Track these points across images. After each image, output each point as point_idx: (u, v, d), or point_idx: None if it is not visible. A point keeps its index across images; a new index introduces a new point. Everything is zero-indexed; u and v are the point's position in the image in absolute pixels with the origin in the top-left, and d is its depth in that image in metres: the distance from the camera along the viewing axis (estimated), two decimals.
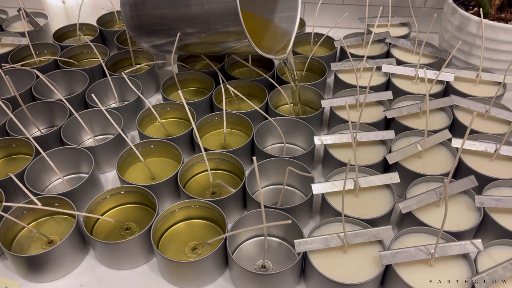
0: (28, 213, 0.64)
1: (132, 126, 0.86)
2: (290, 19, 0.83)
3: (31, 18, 1.09)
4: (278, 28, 0.84)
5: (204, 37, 0.73)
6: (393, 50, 0.97)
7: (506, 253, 0.57)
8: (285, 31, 0.82)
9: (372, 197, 0.65)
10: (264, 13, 0.84)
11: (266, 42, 0.82)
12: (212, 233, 0.64)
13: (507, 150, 0.69)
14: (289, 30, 0.82)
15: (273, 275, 0.55)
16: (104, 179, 0.76)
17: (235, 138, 0.80)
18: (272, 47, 0.81)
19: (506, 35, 0.84)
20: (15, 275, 0.62)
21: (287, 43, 0.80)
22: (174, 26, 0.75)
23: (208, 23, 0.70)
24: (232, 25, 0.67)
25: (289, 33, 0.82)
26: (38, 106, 0.83)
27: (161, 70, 1.04)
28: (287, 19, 0.83)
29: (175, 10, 0.72)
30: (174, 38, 0.76)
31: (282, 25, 0.83)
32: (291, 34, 0.81)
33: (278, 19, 0.84)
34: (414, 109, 0.78)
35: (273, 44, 0.81)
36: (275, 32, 0.84)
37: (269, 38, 0.83)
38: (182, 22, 0.73)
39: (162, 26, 0.76)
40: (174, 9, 0.72)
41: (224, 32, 0.70)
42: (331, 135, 0.72)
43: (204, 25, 0.71)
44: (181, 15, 0.72)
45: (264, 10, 0.84)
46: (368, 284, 0.54)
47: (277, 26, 0.84)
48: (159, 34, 0.78)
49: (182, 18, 0.72)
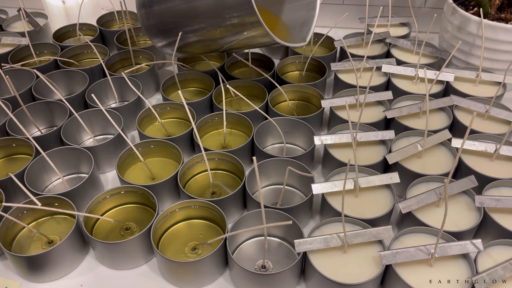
0: (28, 213, 0.64)
1: (132, 126, 0.86)
2: (311, 5, 0.80)
3: (31, 18, 1.09)
4: (288, 27, 0.82)
5: (220, 31, 0.72)
6: (393, 50, 0.97)
7: (506, 253, 0.57)
8: (305, 19, 0.80)
9: (372, 197, 0.65)
10: (280, 4, 0.83)
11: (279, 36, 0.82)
12: (212, 233, 0.64)
13: (507, 150, 0.69)
14: (309, 17, 0.79)
15: (273, 275, 0.55)
16: (104, 179, 0.76)
17: (235, 138, 0.80)
18: (292, 37, 0.79)
19: (506, 35, 0.84)
20: (15, 275, 0.62)
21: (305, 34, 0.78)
22: (187, 23, 0.74)
23: (222, 16, 0.69)
24: (247, 15, 0.66)
25: (308, 22, 0.79)
26: (38, 106, 0.83)
27: (161, 70, 1.04)
28: (307, 6, 0.80)
29: (188, 5, 0.71)
30: (188, 36, 0.75)
31: (301, 13, 0.81)
32: (312, 21, 0.79)
33: (297, 7, 0.82)
34: (414, 109, 0.78)
35: (294, 35, 0.80)
36: (286, 30, 0.82)
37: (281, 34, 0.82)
38: (195, 18, 0.72)
39: (177, 24, 0.76)
40: (187, 4, 0.71)
41: (240, 24, 0.68)
42: (331, 135, 0.72)
43: (218, 19, 0.70)
44: (193, 9, 0.71)
45: (283, 9, 0.83)
46: (368, 284, 0.54)
47: (287, 25, 0.83)
48: (174, 33, 0.78)
49: (194, 12, 0.71)
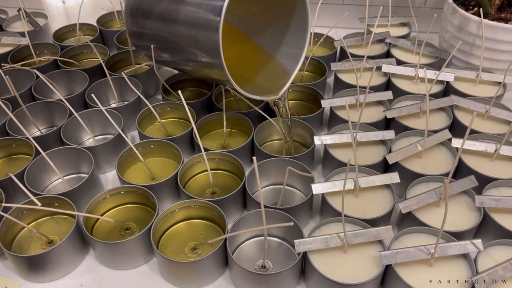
0: (28, 213, 0.64)
1: (132, 126, 0.86)
2: (295, 57, 0.74)
3: (31, 18, 1.09)
4: (279, 65, 0.77)
5: (192, 65, 0.71)
6: (393, 50, 0.97)
7: (506, 253, 0.57)
8: (285, 70, 0.75)
9: (372, 197, 0.65)
10: (271, 44, 0.78)
11: (262, 77, 0.76)
12: (212, 233, 0.64)
13: (507, 150, 0.69)
14: (290, 69, 0.74)
15: (273, 275, 0.55)
16: (104, 179, 0.76)
17: (235, 138, 0.80)
18: (267, 85, 0.74)
19: (506, 35, 0.84)
20: (15, 275, 0.62)
21: (284, 83, 0.72)
22: (167, 48, 0.73)
23: (194, 54, 0.67)
24: (215, 60, 0.63)
25: (288, 73, 0.74)
26: (38, 106, 0.83)
27: (161, 70, 1.04)
28: (292, 56, 0.75)
29: (168, 35, 0.70)
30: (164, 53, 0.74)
31: (285, 61, 0.76)
32: (291, 74, 0.73)
33: (283, 54, 0.77)
34: (414, 109, 0.78)
35: (270, 81, 0.75)
36: (275, 70, 0.77)
37: (267, 74, 0.77)
38: (174, 46, 0.71)
39: (158, 43, 0.74)
40: (167, 32, 0.70)
41: (208, 64, 0.66)
42: (331, 135, 0.72)
43: (190, 55, 0.68)
44: (173, 40, 0.70)
45: (271, 41, 0.78)
46: (368, 284, 0.54)
47: (278, 63, 0.77)
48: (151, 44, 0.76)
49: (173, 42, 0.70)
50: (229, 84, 0.65)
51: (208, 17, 0.61)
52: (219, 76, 0.66)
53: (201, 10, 0.62)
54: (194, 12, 0.64)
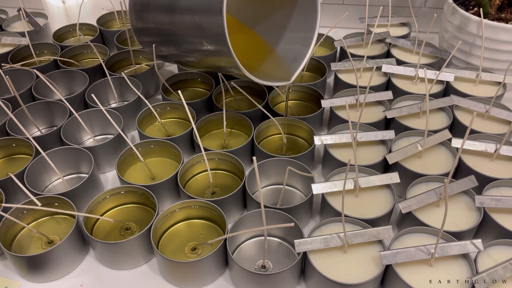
0: (28, 213, 0.64)
1: (132, 126, 0.86)
2: (306, 41, 0.73)
3: (31, 18, 1.09)
4: (281, 59, 0.77)
5: (198, 55, 0.70)
6: (393, 50, 0.97)
7: (506, 253, 0.57)
8: (295, 55, 0.74)
9: (372, 197, 0.65)
10: (277, 32, 0.77)
11: (270, 66, 0.76)
12: (212, 233, 0.64)
13: (507, 150, 0.69)
14: (301, 53, 0.74)
15: (273, 275, 0.55)
16: (104, 179, 0.76)
17: (235, 138, 0.80)
18: (273, 74, 0.74)
19: (506, 35, 0.84)
20: (15, 275, 0.62)
21: (293, 70, 0.72)
22: (171, 39, 0.73)
23: (199, 42, 0.66)
24: (221, 46, 0.62)
25: (299, 58, 0.73)
26: (38, 106, 0.83)
27: (161, 70, 1.04)
28: (302, 41, 0.74)
29: (171, 25, 0.70)
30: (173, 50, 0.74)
31: (295, 47, 0.75)
32: (303, 58, 0.72)
33: (293, 39, 0.76)
34: (414, 109, 0.78)
35: (279, 69, 0.75)
36: (278, 61, 0.77)
37: (275, 62, 0.77)
38: (177, 36, 0.71)
39: (162, 37, 0.75)
40: (171, 22, 0.70)
41: (215, 52, 0.65)
42: (331, 135, 0.72)
43: (195, 44, 0.68)
44: (175, 28, 0.70)
45: (276, 28, 0.77)
46: (368, 284, 0.54)
47: (280, 57, 0.77)
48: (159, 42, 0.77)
49: (175, 30, 0.70)
50: (238, 69, 0.64)
51: (210, 0, 0.61)
52: (227, 63, 0.66)
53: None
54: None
